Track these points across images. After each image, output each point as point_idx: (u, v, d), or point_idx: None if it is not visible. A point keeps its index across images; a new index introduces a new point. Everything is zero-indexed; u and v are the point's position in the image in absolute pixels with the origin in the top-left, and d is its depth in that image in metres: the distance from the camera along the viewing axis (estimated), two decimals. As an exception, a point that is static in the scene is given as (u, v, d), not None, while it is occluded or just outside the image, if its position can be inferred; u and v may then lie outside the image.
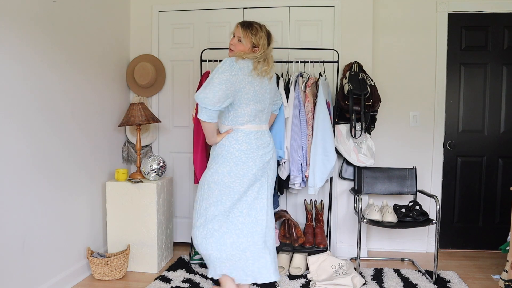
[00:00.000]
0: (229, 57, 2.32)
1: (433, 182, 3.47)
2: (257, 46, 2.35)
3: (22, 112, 2.31)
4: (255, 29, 2.36)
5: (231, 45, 2.40)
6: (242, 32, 2.35)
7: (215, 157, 2.40)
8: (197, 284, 2.77)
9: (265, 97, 2.39)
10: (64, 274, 2.67)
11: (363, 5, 3.30)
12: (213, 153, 2.43)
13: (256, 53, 2.34)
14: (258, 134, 2.38)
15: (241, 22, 2.40)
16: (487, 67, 3.43)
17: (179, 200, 3.63)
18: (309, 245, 3.06)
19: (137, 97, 3.50)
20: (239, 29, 2.37)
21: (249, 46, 2.35)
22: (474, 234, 3.52)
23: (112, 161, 3.30)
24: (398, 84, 3.44)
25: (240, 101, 2.29)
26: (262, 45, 2.35)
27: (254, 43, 2.34)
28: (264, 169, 2.39)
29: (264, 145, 2.40)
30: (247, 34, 2.34)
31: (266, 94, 2.40)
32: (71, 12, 2.74)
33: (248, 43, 2.34)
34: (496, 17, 3.37)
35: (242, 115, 2.33)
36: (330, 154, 2.93)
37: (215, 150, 2.42)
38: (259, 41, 2.34)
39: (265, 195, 2.39)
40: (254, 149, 2.35)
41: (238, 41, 2.36)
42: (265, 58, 2.36)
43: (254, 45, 2.35)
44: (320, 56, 3.21)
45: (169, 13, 3.52)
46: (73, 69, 2.76)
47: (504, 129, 3.45)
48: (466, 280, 2.86)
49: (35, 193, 2.43)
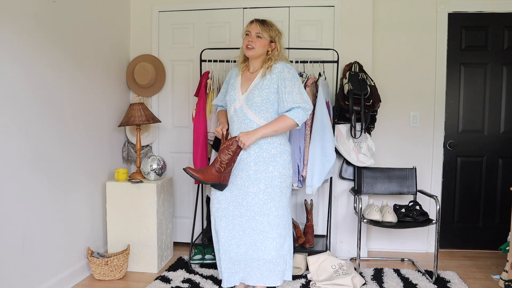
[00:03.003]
0: (252, 57, 2.45)
1: (433, 182, 3.47)
2: (274, 41, 2.45)
3: (22, 112, 2.31)
4: (270, 23, 2.47)
5: (250, 43, 2.42)
6: (260, 27, 2.42)
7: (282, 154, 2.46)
8: (197, 284, 2.77)
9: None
10: (64, 274, 2.67)
11: (363, 5, 3.30)
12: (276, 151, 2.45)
13: (281, 51, 2.47)
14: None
15: (255, 19, 2.47)
16: (487, 67, 3.43)
17: (179, 200, 3.63)
18: (309, 245, 3.06)
19: (137, 97, 3.50)
20: (256, 25, 2.43)
21: (268, 40, 2.44)
22: (474, 234, 3.52)
23: (112, 161, 3.30)
24: (398, 84, 3.44)
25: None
26: (278, 40, 2.46)
27: (272, 36, 2.43)
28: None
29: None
30: (265, 29, 2.42)
31: None
32: (71, 12, 2.74)
33: (267, 37, 2.43)
34: (496, 17, 3.37)
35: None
36: (329, 154, 2.93)
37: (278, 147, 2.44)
38: (276, 35, 2.45)
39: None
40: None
41: (257, 37, 2.41)
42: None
43: (271, 40, 2.45)
44: (320, 56, 3.20)
45: (169, 13, 3.52)
46: (73, 69, 2.77)
47: (504, 129, 3.45)
48: (466, 280, 2.86)
49: (35, 193, 2.43)
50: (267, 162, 2.41)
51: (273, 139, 2.42)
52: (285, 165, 2.44)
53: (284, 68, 2.40)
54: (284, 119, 2.37)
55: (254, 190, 2.40)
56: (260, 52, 2.42)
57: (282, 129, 2.39)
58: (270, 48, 2.45)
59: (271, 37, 2.43)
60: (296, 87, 2.38)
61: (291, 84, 2.37)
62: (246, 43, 2.43)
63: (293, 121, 2.37)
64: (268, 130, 2.35)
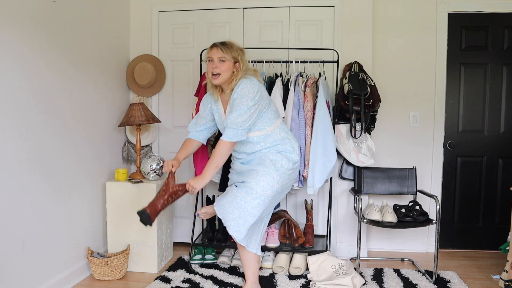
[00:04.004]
0: (220, 84, 2.46)
1: (433, 182, 3.47)
2: (237, 61, 2.43)
3: (22, 112, 2.31)
4: (230, 44, 2.45)
5: (215, 69, 2.40)
6: (221, 51, 2.40)
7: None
8: (197, 284, 2.77)
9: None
10: (64, 274, 2.67)
11: (363, 5, 3.30)
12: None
13: (245, 69, 2.45)
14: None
15: (214, 44, 2.44)
16: (487, 67, 3.43)
17: (179, 200, 3.61)
18: (309, 245, 3.06)
19: (137, 97, 3.50)
20: (217, 50, 2.41)
21: (232, 62, 2.42)
22: (474, 234, 3.52)
23: (112, 161, 3.30)
24: (398, 84, 3.44)
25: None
26: (241, 58, 2.44)
27: (235, 57, 2.42)
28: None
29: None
30: (227, 51, 2.41)
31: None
32: (71, 12, 2.74)
33: (231, 58, 2.41)
34: (496, 17, 3.37)
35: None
36: (331, 154, 2.93)
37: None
38: (238, 55, 2.43)
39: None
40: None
41: (220, 61, 2.39)
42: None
43: (235, 60, 2.42)
44: (320, 56, 3.20)
45: (169, 13, 3.52)
46: (73, 69, 2.76)
47: (504, 129, 3.45)
48: (466, 280, 2.86)
49: (35, 193, 2.43)
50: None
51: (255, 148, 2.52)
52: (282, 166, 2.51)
53: (239, 86, 2.37)
54: (218, 147, 2.40)
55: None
56: (226, 76, 2.42)
57: (221, 158, 2.40)
58: (235, 68, 2.43)
59: (234, 58, 2.42)
60: (239, 106, 2.34)
61: (237, 102, 2.35)
62: (211, 70, 2.42)
63: (224, 142, 2.38)
64: (211, 168, 2.41)
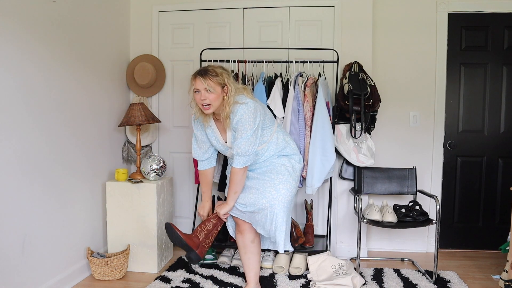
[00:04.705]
0: (206, 114, 2.39)
1: (433, 182, 3.47)
2: (225, 85, 2.33)
3: (21, 112, 2.31)
4: (213, 70, 2.33)
5: (204, 101, 2.30)
6: (206, 81, 2.28)
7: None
8: (197, 284, 2.77)
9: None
10: (64, 274, 2.67)
11: (363, 5, 3.30)
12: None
13: (233, 90, 2.34)
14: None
15: (196, 74, 2.33)
16: (487, 67, 3.43)
17: (179, 200, 3.63)
18: (309, 245, 3.06)
19: (137, 97, 3.50)
20: (200, 81, 2.29)
21: (220, 88, 2.32)
22: (474, 234, 3.52)
23: (112, 161, 3.30)
24: (398, 84, 3.44)
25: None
26: (228, 81, 2.33)
27: (221, 82, 2.32)
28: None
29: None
30: (212, 79, 2.29)
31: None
32: (71, 12, 2.73)
33: (217, 85, 2.31)
34: (496, 17, 3.37)
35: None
36: (330, 154, 2.93)
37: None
38: (224, 79, 2.33)
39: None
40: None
41: (207, 92, 2.29)
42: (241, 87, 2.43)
43: (222, 85, 2.33)
44: (319, 56, 3.20)
45: (169, 13, 3.52)
46: (73, 69, 2.76)
47: (504, 129, 3.45)
48: (466, 280, 2.86)
49: (35, 193, 2.43)
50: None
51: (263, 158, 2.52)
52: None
53: (236, 114, 2.32)
54: (233, 175, 2.43)
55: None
56: (217, 104, 2.34)
57: (238, 184, 2.44)
58: (224, 93, 2.33)
59: (221, 84, 2.32)
60: (243, 133, 2.33)
61: (240, 130, 2.33)
62: (200, 102, 2.32)
63: (238, 170, 2.41)
64: (231, 195, 2.47)
